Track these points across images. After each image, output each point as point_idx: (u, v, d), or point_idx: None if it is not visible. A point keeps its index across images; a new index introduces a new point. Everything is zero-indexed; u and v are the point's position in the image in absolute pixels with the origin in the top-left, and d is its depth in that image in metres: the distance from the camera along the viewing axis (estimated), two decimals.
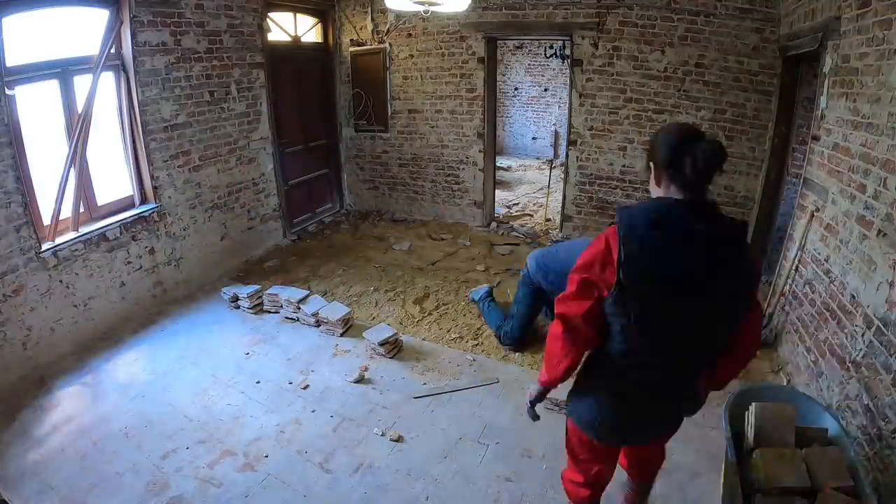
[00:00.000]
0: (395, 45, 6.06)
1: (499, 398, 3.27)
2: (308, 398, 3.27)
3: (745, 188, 4.90)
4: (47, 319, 3.53)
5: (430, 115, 6.18)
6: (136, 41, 3.92)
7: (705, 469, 2.65)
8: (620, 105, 5.17)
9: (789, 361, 3.42)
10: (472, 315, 4.23)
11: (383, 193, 6.82)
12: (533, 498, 2.55)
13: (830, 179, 3.13)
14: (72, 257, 3.66)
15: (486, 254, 5.53)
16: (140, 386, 3.37)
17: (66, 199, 3.70)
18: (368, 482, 2.64)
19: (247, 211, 5.27)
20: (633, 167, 5.30)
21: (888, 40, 2.49)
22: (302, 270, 5.06)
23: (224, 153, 4.89)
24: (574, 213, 5.76)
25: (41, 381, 3.37)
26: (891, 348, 2.24)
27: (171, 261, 4.47)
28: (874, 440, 2.24)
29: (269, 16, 5.30)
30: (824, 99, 3.29)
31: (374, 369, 3.55)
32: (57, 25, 3.57)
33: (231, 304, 4.36)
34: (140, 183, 4.27)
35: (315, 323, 4.03)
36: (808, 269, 3.32)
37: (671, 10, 4.71)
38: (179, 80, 4.33)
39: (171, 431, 2.96)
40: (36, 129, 3.51)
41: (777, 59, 4.43)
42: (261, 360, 3.65)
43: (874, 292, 2.44)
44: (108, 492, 2.55)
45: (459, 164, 6.24)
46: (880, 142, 2.52)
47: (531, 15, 5.28)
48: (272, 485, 2.62)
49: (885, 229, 2.41)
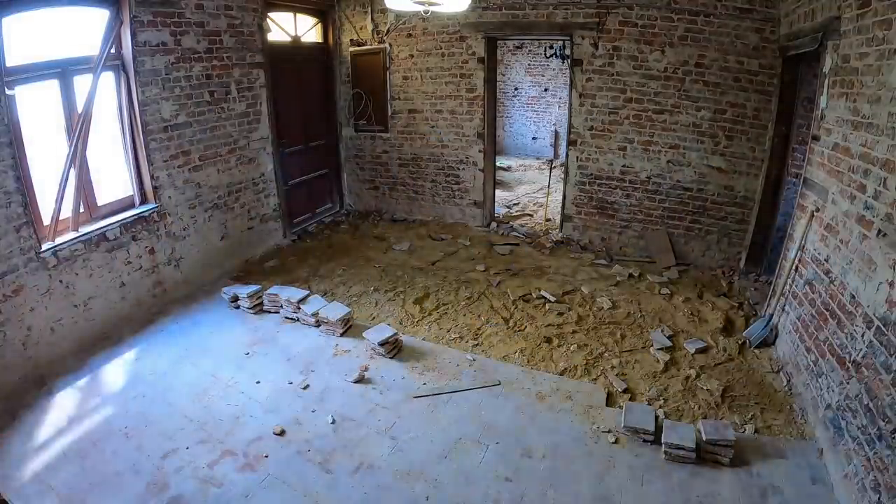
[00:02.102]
0: (395, 45, 6.06)
1: (499, 398, 3.27)
2: (308, 398, 3.27)
3: (745, 188, 4.90)
4: (47, 319, 3.53)
5: (430, 115, 6.17)
6: (136, 41, 3.92)
7: None
8: (620, 105, 5.17)
9: (789, 361, 3.42)
10: (472, 315, 4.23)
11: (383, 193, 6.82)
12: (533, 498, 2.55)
13: (830, 179, 3.13)
14: (72, 257, 3.66)
15: (486, 254, 5.53)
16: (140, 386, 3.37)
17: (66, 199, 3.70)
18: (368, 482, 2.64)
19: (247, 211, 5.27)
20: (633, 167, 5.31)
21: (888, 40, 2.49)
22: (302, 270, 5.06)
23: (224, 153, 4.89)
24: (574, 213, 5.76)
25: (41, 381, 3.37)
26: (891, 348, 2.24)
27: (171, 261, 4.47)
28: (874, 440, 2.24)
29: (269, 16, 5.30)
30: (824, 99, 3.30)
31: (374, 369, 3.55)
32: (57, 25, 3.57)
33: (231, 304, 4.36)
34: (140, 183, 4.26)
35: (315, 323, 4.03)
36: (808, 269, 3.32)
37: (671, 10, 4.71)
38: (179, 80, 4.32)
39: (171, 431, 2.96)
40: (36, 129, 3.51)
41: (777, 59, 4.43)
42: (261, 360, 3.65)
43: (874, 292, 2.44)
44: (108, 492, 2.55)
45: (459, 164, 6.24)
46: (880, 142, 2.52)
47: (531, 15, 5.28)
48: (272, 485, 2.62)
49: (885, 229, 2.41)
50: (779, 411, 3.12)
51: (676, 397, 3.25)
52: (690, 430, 2.81)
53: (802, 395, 3.13)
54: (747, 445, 2.82)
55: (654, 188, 5.28)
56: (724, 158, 4.90)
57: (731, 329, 4.00)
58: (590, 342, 3.84)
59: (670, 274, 4.98)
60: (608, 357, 3.67)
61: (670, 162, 5.14)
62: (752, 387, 3.33)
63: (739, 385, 3.34)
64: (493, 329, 4.03)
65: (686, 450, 2.71)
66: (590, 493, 2.57)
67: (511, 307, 4.35)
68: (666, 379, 3.43)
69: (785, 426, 2.99)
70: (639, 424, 2.89)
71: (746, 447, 2.81)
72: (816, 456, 2.75)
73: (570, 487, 2.60)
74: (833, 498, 2.50)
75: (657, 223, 5.39)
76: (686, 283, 4.85)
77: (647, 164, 5.24)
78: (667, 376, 3.45)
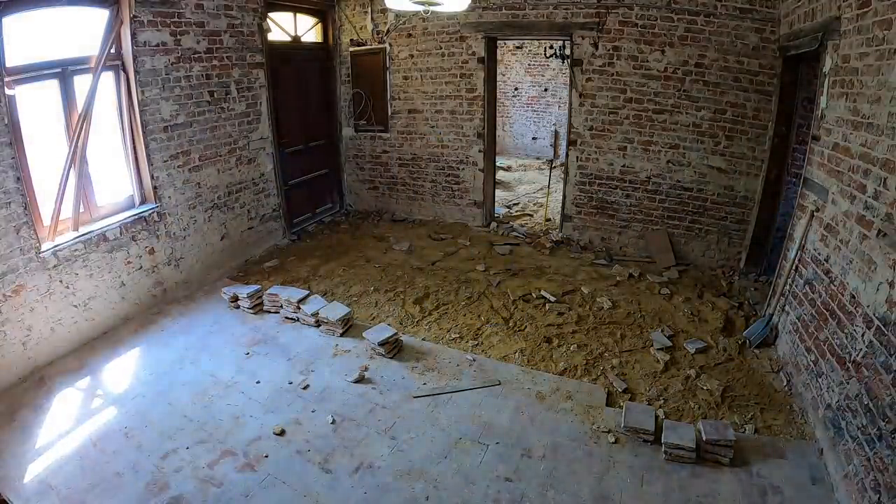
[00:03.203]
0: (395, 45, 6.06)
1: (499, 398, 3.27)
2: (308, 398, 3.27)
3: (745, 188, 4.89)
4: (47, 319, 3.53)
5: (430, 115, 6.17)
6: (136, 41, 3.92)
7: None
8: (620, 105, 5.17)
9: (789, 361, 3.42)
10: (471, 315, 4.23)
11: (383, 193, 6.82)
12: (533, 498, 2.55)
13: (830, 179, 3.13)
14: (72, 257, 3.66)
15: (486, 254, 5.53)
16: (140, 386, 3.37)
17: (66, 199, 3.70)
18: (368, 482, 2.64)
19: (247, 211, 5.27)
20: (632, 167, 5.30)
21: (888, 40, 2.49)
22: (302, 270, 5.06)
23: (224, 153, 4.89)
24: (574, 213, 5.76)
25: (41, 381, 3.37)
26: (891, 348, 2.24)
27: (171, 261, 4.47)
28: (874, 440, 2.24)
29: (269, 16, 5.30)
30: (824, 99, 3.29)
31: (374, 369, 3.55)
32: (57, 25, 3.57)
33: (231, 304, 4.36)
34: (140, 183, 4.26)
35: (315, 323, 4.03)
36: (808, 269, 3.32)
37: (671, 10, 4.71)
38: (179, 80, 4.32)
39: (171, 431, 2.96)
40: (36, 129, 3.51)
41: (777, 59, 4.42)
42: (261, 360, 3.65)
43: (874, 292, 2.44)
44: (108, 492, 2.55)
45: (459, 164, 6.24)
46: (880, 142, 2.52)
47: (531, 15, 5.28)
48: (272, 485, 2.62)
49: (886, 229, 2.41)
50: (779, 411, 3.12)
51: (676, 397, 3.25)
52: (690, 430, 2.81)
53: (802, 395, 3.13)
54: (747, 445, 2.82)
55: (654, 188, 5.28)
56: (724, 158, 4.90)
57: (731, 329, 4.00)
58: (590, 342, 3.84)
59: (670, 274, 4.98)
60: (608, 357, 3.67)
61: (670, 162, 5.14)
62: (752, 387, 3.33)
63: (739, 385, 3.34)
64: (493, 329, 4.03)
65: (686, 450, 2.71)
66: (590, 492, 2.57)
67: (511, 307, 4.35)
68: (666, 379, 3.43)
69: (785, 426, 2.99)
70: (639, 424, 2.89)
71: (746, 447, 2.81)
72: (816, 456, 2.75)
73: (570, 487, 2.60)
74: (833, 498, 2.50)
75: (657, 223, 5.39)
76: (686, 283, 4.85)
77: (647, 164, 5.24)
78: (667, 376, 3.45)
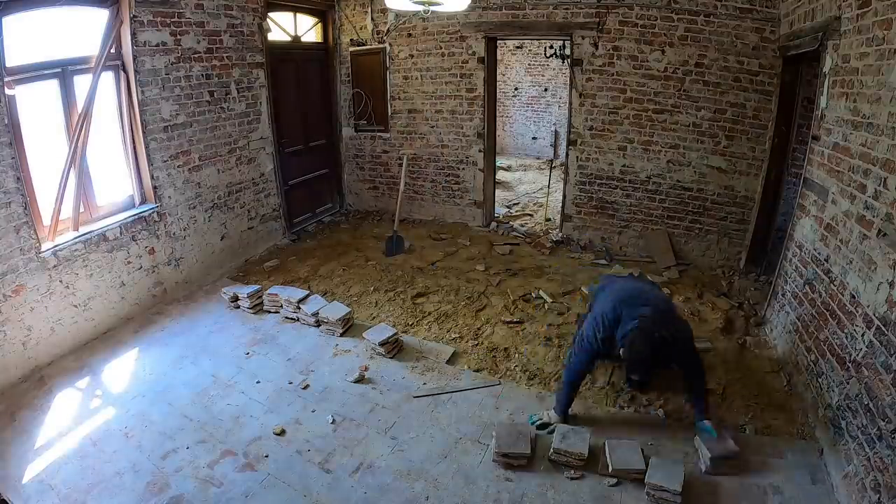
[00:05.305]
0: (395, 45, 6.06)
1: (499, 398, 3.27)
2: (308, 398, 3.27)
3: (745, 188, 4.89)
4: (47, 319, 3.53)
5: (430, 115, 6.17)
6: (136, 41, 3.92)
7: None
8: (620, 105, 5.17)
9: (789, 361, 3.42)
10: (471, 315, 4.23)
11: (383, 193, 6.81)
12: (533, 498, 2.55)
13: (830, 179, 3.13)
14: (72, 257, 3.66)
15: (486, 253, 5.52)
16: (140, 386, 3.37)
17: (66, 199, 3.70)
18: (368, 482, 2.64)
19: (247, 211, 5.27)
20: (632, 167, 5.30)
21: (888, 40, 2.49)
22: (302, 270, 5.06)
23: (224, 153, 4.89)
24: (574, 213, 5.76)
25: (41, 381, 3.37)
26: (891, 348, 2.24)
27: (171, 261, 4.47)
28: (874, 440, 2.24)
29: (269, 16, 5.30)
30: (824, 99, 3.29)
31: (374, 369, 3.55)
32: (57, 25, 3.57)
33: (231, 304, 4.36)
34: (140, 183, 4.26)
35: (315, 323, 4.03)
36: (808, 269, 3.32)
37: (671, 9, 4.71)
38: (179, 79, 4.32)
39: (171, 431, 2.96)
40: (36, 129, 3.50)
41: (777, 59, 4.42)
42: (261, 360, 3.65)
43: (874, 292, 2.44)
44: (108, 492, 2.55)
45: (459, 164, 6.23)
46: (880, 142, 2.52)
47: (531, 15, 5.28)
48: (272, 485, 2.62)
49: (886, 229, 2.41)
50: (779, 411, 3.11)
51: (677, 397, 3.24)
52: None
53: (802, 395, 3.13)
54: (747, 445, 2.82)
55: (654, 188, 5.28)
56: (724, 158, 4.90)
57: (731, 329, 4.00)
58: None
59: (670, 274, 4.98)
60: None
61: (670, 162, 5.14)
62: (752, 387, 3.32)
63: (739, 385, 3.34)
64: (493, 329, 4.03)
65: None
66: (590, 492, 2.57)
67: (511, 307, 4.35)
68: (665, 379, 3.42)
69: (785, 426, 2.99)
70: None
71: (746, 447, 2.80)
72: (816, 456, 2.75)
73: (570, 487, 2.60)
74: (833, 498, 2.49)
75: (657, 223, 5.39)
76: (686, 282, 4.85)
77: (647, 163, 5.24)
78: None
